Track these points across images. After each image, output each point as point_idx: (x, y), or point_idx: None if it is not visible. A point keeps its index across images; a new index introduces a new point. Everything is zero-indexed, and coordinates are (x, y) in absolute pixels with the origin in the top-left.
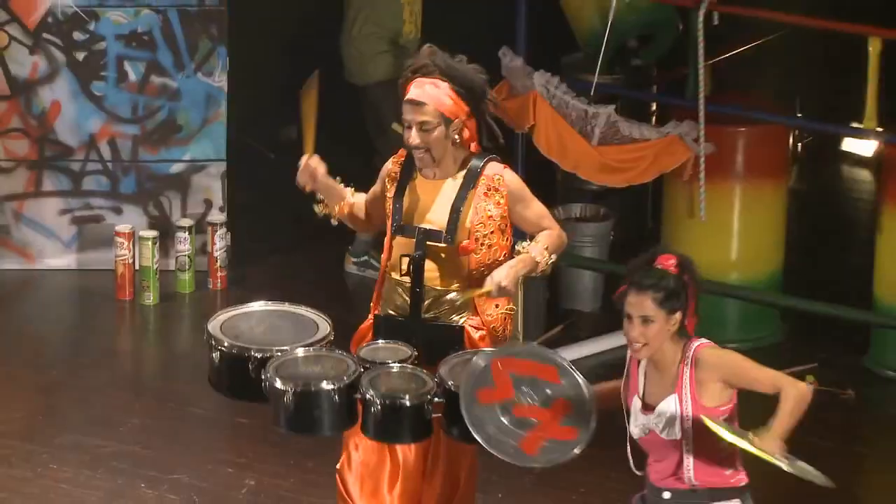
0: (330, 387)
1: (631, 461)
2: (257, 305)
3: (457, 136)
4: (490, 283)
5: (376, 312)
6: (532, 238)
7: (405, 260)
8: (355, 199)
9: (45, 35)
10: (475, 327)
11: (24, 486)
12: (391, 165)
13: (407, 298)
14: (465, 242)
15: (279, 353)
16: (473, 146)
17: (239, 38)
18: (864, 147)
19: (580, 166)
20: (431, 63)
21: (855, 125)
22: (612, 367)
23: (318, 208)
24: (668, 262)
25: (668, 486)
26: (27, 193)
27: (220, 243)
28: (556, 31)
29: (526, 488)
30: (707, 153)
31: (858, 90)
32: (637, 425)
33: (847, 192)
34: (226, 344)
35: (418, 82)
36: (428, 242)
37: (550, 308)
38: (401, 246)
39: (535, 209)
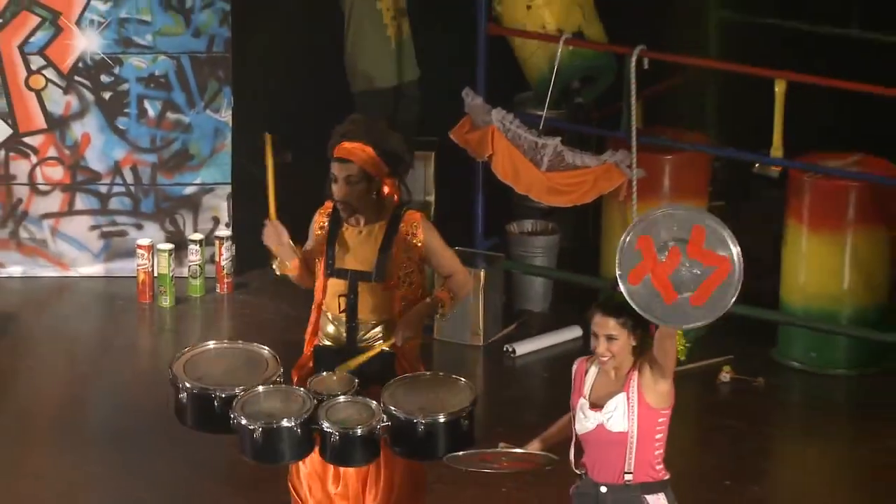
0: (290, 424)
1: (572, 459)
2: (212, 344)
3: (375, 193)
4: (397, 336)
5: (316, 343)
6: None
7: (342, 299)
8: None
9: (76, 78)
10: (398, 354)
11: (58, 466)
12: (317, 218)
13: (343, 331)
14: (390, 281)
15: (241, 392)
16: (395, 199)
17: (241, 78)
18: (773, 171)
19: (531, 189)
20: (356, 130)
21: (765, 152)
22: (559, 358)
23: (275, 267)
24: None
25: (605, 482)
26: (62, 212)
27: (226, 254)
28: (510, 74)
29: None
30: (638, 178)
31: (768, 122)
32: (586, 422)
33: (758, 208)
34: (189, 385)
35: (346, 144)
36: (359, 282)
37: (506, 309)
38: (334, 286)
39: (444, 254)
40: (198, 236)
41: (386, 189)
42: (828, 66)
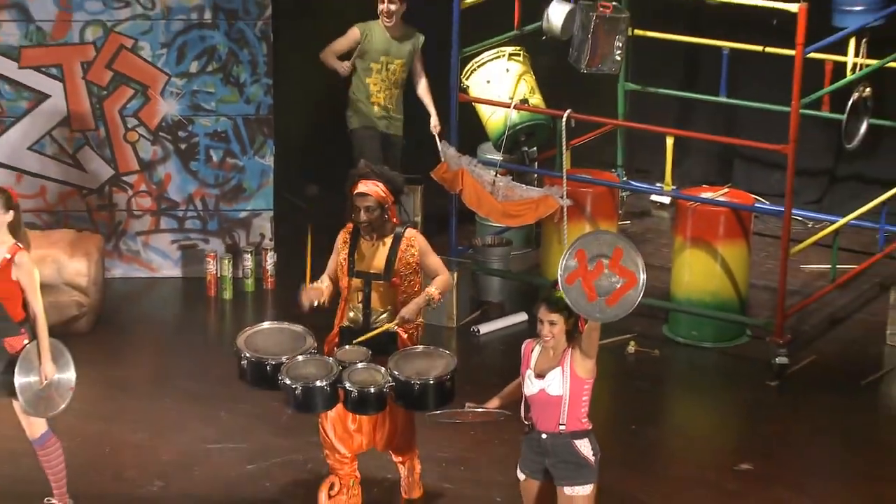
0: (322, 384)
1: (522, 414)
2: (265, 325)
3: (386, 215)
4: (398, 318)
5: (340, 325)
6: (431, 280)
7: (360, 293)
8: (328, 282)
9: (161, 133)
10: (401, 333)
11: (149, 413)
12: (342, 234)
13: (360, 316)
14: (395, 280)
15: (286, 360)
16: (395, 220)
17: (280, 133)
18: (665, 199)
19: (491, 214)
20: (370, 171)
21: (658, 186)
22: (511, 336)
23: (306, 304)
24: (559, 287)
25: (545, 431)
26: (150, 230)
27: (269, 260)
28: (474, 130)
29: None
30: (567, 205)
31: (662, 165)
32: (532, 387)
33: (653, 226)
34: (249, 355)
35: (364, 182)
36: (373, 281)
37: (473, 300)
38: (355, 284)
39: (434, 261)
40: (249, 248)
41: (390, 214)
42: (706, 122)
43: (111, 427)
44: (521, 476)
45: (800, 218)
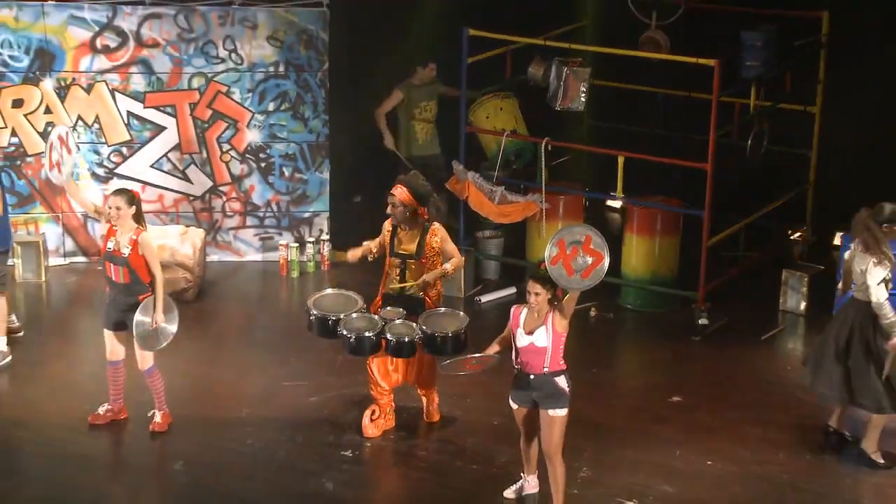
0: (370, 334)
1: (514, 360)
2: (329, 291)
3: (408, 213)
4: (421, 280)
5: (383, 291)
6: (448, 260)
7: (397, 269)
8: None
9: (247, 155)
10: (427, 299)
11: (237, 359)
12: (385, 225)
13: (397, 285)
14: (423, 259)
15: (343, 317)
16: (425, 216)
17: (334, 156)
18: (617, 203)
19: (490, 214)
20: (402, 180)
21: (612, 194)
22: (504, 304)
23: (336, 257)
24: (543, 266)
25: (533, 372)
26: (239, 227)
27: (326, 249)
28: (477, 151)
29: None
30: (546, 208)
31: (615, 177)
32: (522, 341)
33: (609, 224)
34: (318, 312)
35: (396, 187)
36: (407, 260)
37: (476, 277)
38: (394, 262)
39: (451, 247)
40: (311, 239)
41: (419, 211)
42: (648, 147)
43: (211, 369)
44: (514, 405)
45: (715, 218)
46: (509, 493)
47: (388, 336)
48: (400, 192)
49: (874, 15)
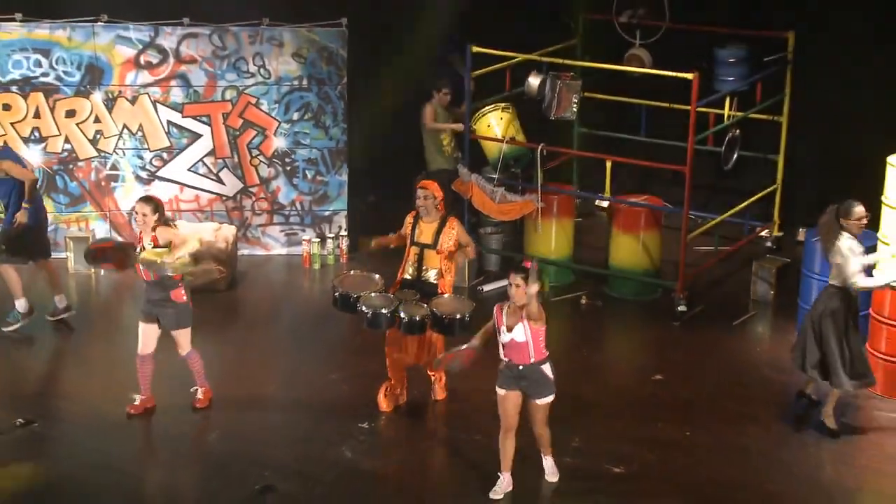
0: (385, 312)
1: (501, 353)
2: (352, 272)
3: (436, 206)
4: (441, 266)
5: (401, 277)
6: (463, 249)
7: (416, 256)
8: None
9: (274, 159)
10: (441, 286)
11: (266, 338)
12: (407, 218)
13: (415, 272)
14: (439, 249)
15: (363, 295)
16: (443, 210)
17: (352, 160)
18: (605, 203)
19: (491, 213)
20: (427, 177)
21: (600, 194)
22: (503, 293)
23: (372, 245)
24: (526, 263)
25: (521, 363)
26: (266, 224)
27: (344, 244)
28: (480, 157)
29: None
30: (542, 207)
31: (604, 179)
32: (504, 337)
33: (598, 221)
34: (341, 290)
35: (424, 182)
36: (425, 248)
37: (480, 268)
38: (414, 249)
39: (465, 238)
40: (331, 235)
41: (440, 205)
42: (632, 152)
43: (241, 351)
44: (501, 391)
45: (693, 216)
46: (495, 494)
47: (401, 314)
48: (428, 187)
49: (834, 35)
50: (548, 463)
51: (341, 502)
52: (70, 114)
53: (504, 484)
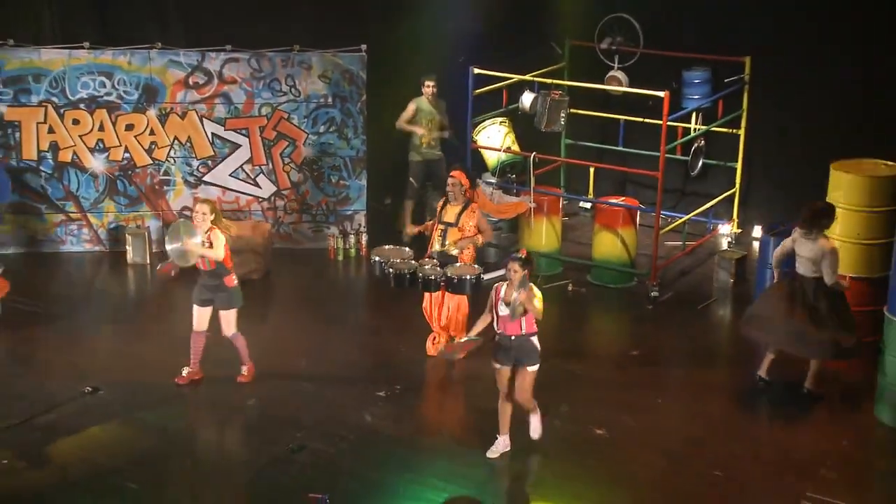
0: (406, 272)
1: (495, 325)
2: (387, 247)
3: (462, 192)
4: (457, 245)
5: (430, 251)
6: (482, 232)
7: (440, 232)
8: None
9: (303, 166)
10: (459, 258)
11: (293, 318)
12: (440, 200)
13: (440, 246)
14: (459, 227)
15: (390, 260)
16: (468, 194)
17: (371, 167)
18: (588, 204)
19: (491, 212)
20: (459, 166)
21: (584, 196)
22: (503, 279)
23: (408, 232)
24: (522, 252)
25: (513, 334)
26: (297, 221)
27: (363, 239)
28: (479, 164)
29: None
30: (534, 207)
31: (587, 183)
32: (504, 311)
33: (582, 219)
34: (377, 259)
35: (455, 170)
36: (449, 227)
37: (483, 259)
38: (439, 228)
39: (483, 222)
40: (352, 232)
41: (467, 191)
42: (611, 160)
43: (276, 330)
44: (497, 365)
45: (664, 215)
46: (493, 454)
47: (420, 274)
48: (458, 174)
49: (786, 59)
50: (533, 422)
51: (363, 457)
52: (129, 127)
53: (501, 444)
